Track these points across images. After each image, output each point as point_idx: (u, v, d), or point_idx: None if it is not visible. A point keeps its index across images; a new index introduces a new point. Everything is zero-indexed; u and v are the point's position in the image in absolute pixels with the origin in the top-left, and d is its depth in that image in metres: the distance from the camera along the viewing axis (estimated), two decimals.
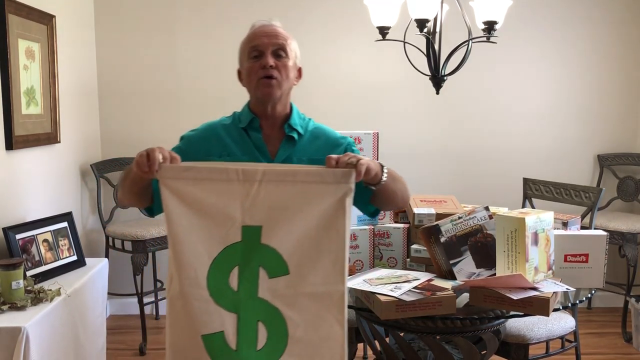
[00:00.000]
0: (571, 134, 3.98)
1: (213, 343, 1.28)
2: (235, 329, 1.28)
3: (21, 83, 2.72)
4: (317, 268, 1.31)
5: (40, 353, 2.05)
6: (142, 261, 3.31)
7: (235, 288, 1.29)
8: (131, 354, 3.35)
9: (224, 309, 1.28)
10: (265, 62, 1.59)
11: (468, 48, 2.61)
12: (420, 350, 2.26)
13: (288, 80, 1.64)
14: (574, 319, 2.62)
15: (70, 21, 3.34)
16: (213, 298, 1.28)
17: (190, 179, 1.28)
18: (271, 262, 1.30)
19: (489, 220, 1.95)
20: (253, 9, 3.72)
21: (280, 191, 1.29)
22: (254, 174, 1.28)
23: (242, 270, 1.29)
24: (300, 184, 1.29)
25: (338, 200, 1.30)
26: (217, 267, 1.29)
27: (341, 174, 1.31)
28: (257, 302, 1.30)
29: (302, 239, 1.30)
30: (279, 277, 1.30)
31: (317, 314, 1.31)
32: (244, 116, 1.69)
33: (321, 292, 1.31)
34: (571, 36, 3.90)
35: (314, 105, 3.82)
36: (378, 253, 2.22)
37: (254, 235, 1.29)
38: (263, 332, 1.30)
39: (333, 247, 1.31)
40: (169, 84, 3.78)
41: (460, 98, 3.88)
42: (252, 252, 1.29)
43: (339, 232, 1.31)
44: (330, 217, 1.31)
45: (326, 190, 1.30)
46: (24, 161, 2.80)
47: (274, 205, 1.29)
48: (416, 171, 3.87)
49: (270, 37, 1.62)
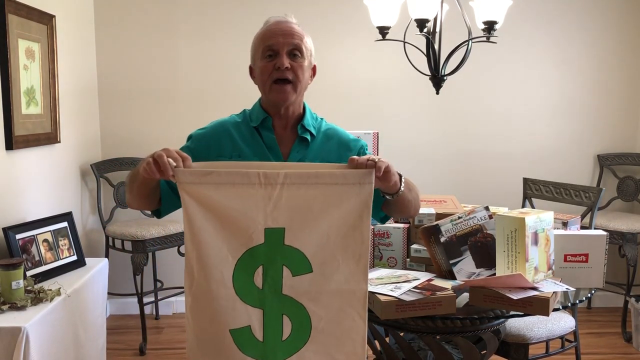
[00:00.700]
0: (571, 134, 3.98)
1: (241, 336, 1.32)
2: (261, 323, 1.32)
3: (21, 83, 2.72)
4: (341, 267, 1.33)
5: (40, 353, 2.05)
6: (142, 261, 3.31)
7: (260, 286, 1.32)
8: (131, 354, 3.35)
9: (250, 306, 1.32)
10: (280, 64, 1.54)
11: (468, 48, 2.61)
12: (420, 350, 2.26)
13: (303, 82, 1.60)
14: (573, 318, 2.62)
15: (70, 21, 3.34)
16: (239, 296, 1.32)
17: (211, 183, 1.28)
18: (295, 261, 1.32)
19: (489, 220, 1.95)
20: (253, 9, 3.72)
21: (302, 193, 1.30)
22: (276, 177, 1.28)
23: (267, 269, 1.32)
24: (323, 186, 1.30)
25: (362, 202, 1.31)
26: (241, 267, 1.31)
27: (364, 174, 1.32)
28: (282, 298, 1.33)
29: (326, 239, 1.32)
30: (303, 275, 1.33)
31: (340, 308, 1.34)
32: (255, 115, 1.64)
33: (345, 289, 1.34)
34: (571, 36, 3.90)
35: (314, 105, 3.80)
36: (378, 253, 2.22)
37: (277, 237, 1.31)
38: (288, 324, 1.33)
39: (357, 247, 1.33)
40: (169, 84, 3.79)
41: (460, 98, 3.88)
42: (275, 253, 1.32)
43: (363, 232, 1.33)
44: (355, 218, 1.32)
45: (350, 192, 1.31)
46: (24, 161, 2.80)
47: (296, 208, 1.30)
48: (416, 171, 3.86)
49: (286, 36, 1.56)
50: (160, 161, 1.30)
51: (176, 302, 3.93)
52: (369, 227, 1.34)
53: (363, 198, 1.31)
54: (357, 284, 1.34)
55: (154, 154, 1.33)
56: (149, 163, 1.32)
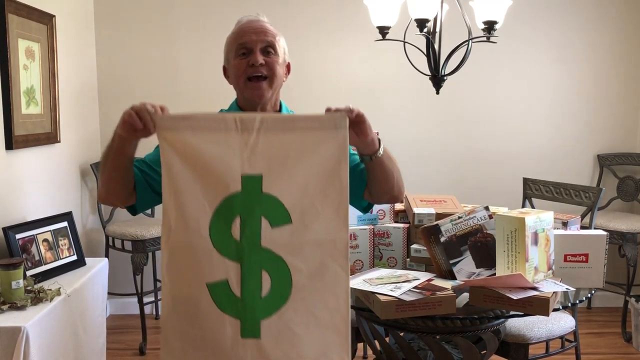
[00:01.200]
0: (571, 134, 3.98)
1: (218, 291, 1.29)
2: (239, 278, 1.29)
3: (21, 83, 2.72)
4: (321, 216, 1.31)
5: (40, 353, 2.05)
6: (142, 261, 3.31)
7: (237, 238, 1.29)
8: (131, 354, 3.35)
9: (227, 259, 1.29)
10: (254, 60, 1.55)
11: (468, 48, 2.61)
12: (420, 350, 2.26)
13: (277, 78, 1.60)
14: (573, 318, 2.62)
15: (70, 21, 3.34)
16: (216, 248, 1.29)
17: (188, 128, 1.28)
18: (273, 211, 1.30)
19: (488, 220, 1.95)
20: (253, 9, 3.70)
21: (280, 139, 1.28)
22: (252, 121, 1.27)
23: (244, 220, 1.29)
24: (299, 130, 1.29)
25: (339, 146, 1.30)
26: (218, 217, 1.29)
27: (339, 117, 1.32)
28: (260, 251, 1.30)
29: (304, 187, 1.30)
30: (282, 226, 1.30)
31: (321, 261, 1.31)
32: None
33: (325, 239, 1.31)
34: (571, 36, 3.90)
35: (314, 105, 3.81)
36: (378, 253, 2.22)
37: (254, 185, 1.29)
38: (267, 279, 1.30)
39: (336, 195, 1.31)
40: (169, 83, 3.79)
41: (460, 98, 3.88)
42: (253, 202, 1.29)
43: (342, 180, 1.31)
44: (333, 165, 1.31)
45: (327, 136, 1.30)
46: (24, 161, 2.80)
47: (273, 154, 1.29)
48: (416, 171, 3.87)
49: (259, 34, 1.58)
50: (141, 112, 1.31)
51: None
52: (347, 174, 1.31)
53: (340, 142, 1.30)
54: (337, 233, 1.32)
55: (131, 107, 1.34)
56: (130, 115, 1.32)
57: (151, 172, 1.53)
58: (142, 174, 1.53)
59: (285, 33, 1.68)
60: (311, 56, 3.79)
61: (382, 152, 1.45)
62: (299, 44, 3.75)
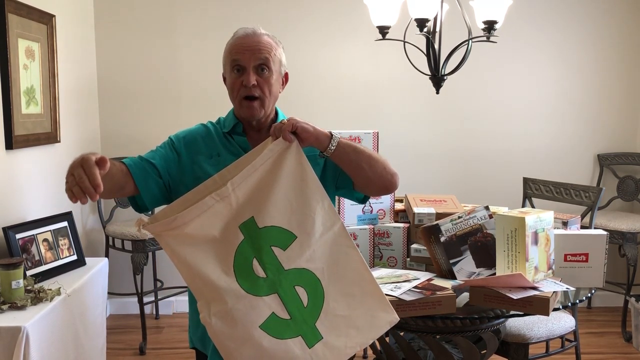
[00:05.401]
0: (571, 133, 3.98)
1: (271, 325, 1.40)
2: (282, 304, 1.41)
3: (21, 82, 2.72)
4: (315, 217, 1.44)
5: (40, 353, 2.05)
6: (142, 261, 3.31)
7: (264, 275, 1.40)
8: (131, 354, 3.35)
9: (265, 297, 1.40)
10: (247, 82, 1.56)
11: (468, 48, 2.61)
12: (420, 349, 2.26)
13: (270, 97, 1.61)
14: (573, 318, 2.62)
15: (70, 21, 3.34)
16: (253, 294, 1.39)
17: (179, 224, 1.37)
18: (278, 237, 1.42)
19: (488, 220, 1.95)
20: (253, 9, 3.72)
21: (251, 184, 1.41)
22: (225, 190, 1.40)
23: (260, 258, 1.41)
24: (261, 168, 1.42)
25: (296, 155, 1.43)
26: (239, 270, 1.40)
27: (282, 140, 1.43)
28: (287, 273, 1.42)
29: (289, 204, 1.43)
30: (291, 244, 1.43)
31: (331, 251, 1.46)
32: (228, 122, 1.69)
33: (326, 233, 1.46)
34: (571, 36, 3.90)
35: (314, 105, 3.82)
36: (378, 252, 2.22)
37: (251, 226, 1.40)
38: (302, 292, 1.43)
39: (317, 194, 1.44)
40: (169, 84, 3.79)
41: (460, 97, 3.88)
42: (258, 240, 1.41)
43: (312, 179, 1.44)
44: (300, 172, 1.44)
45: (283, 157, 1.42)
46: (24, 161, 2.80)
47: (253, 197, 1.41)
48: (416, 171, 3.88)
49: (253, 52, 1.57)
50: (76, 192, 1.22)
51: (176, 302, 3.93)
52: (312, 171, 1.44)
53: (294, 153, 1.43)
54: (332, 222, 1.46)
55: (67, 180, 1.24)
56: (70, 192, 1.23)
57: (148, 167, 1.58)
58: (142, 172, 1.57)
59: (285, 33, 1.69)
60: (311, 56, 3.79)
61: (333, 148, 1.46)
62: (299, 44, 3.75)
